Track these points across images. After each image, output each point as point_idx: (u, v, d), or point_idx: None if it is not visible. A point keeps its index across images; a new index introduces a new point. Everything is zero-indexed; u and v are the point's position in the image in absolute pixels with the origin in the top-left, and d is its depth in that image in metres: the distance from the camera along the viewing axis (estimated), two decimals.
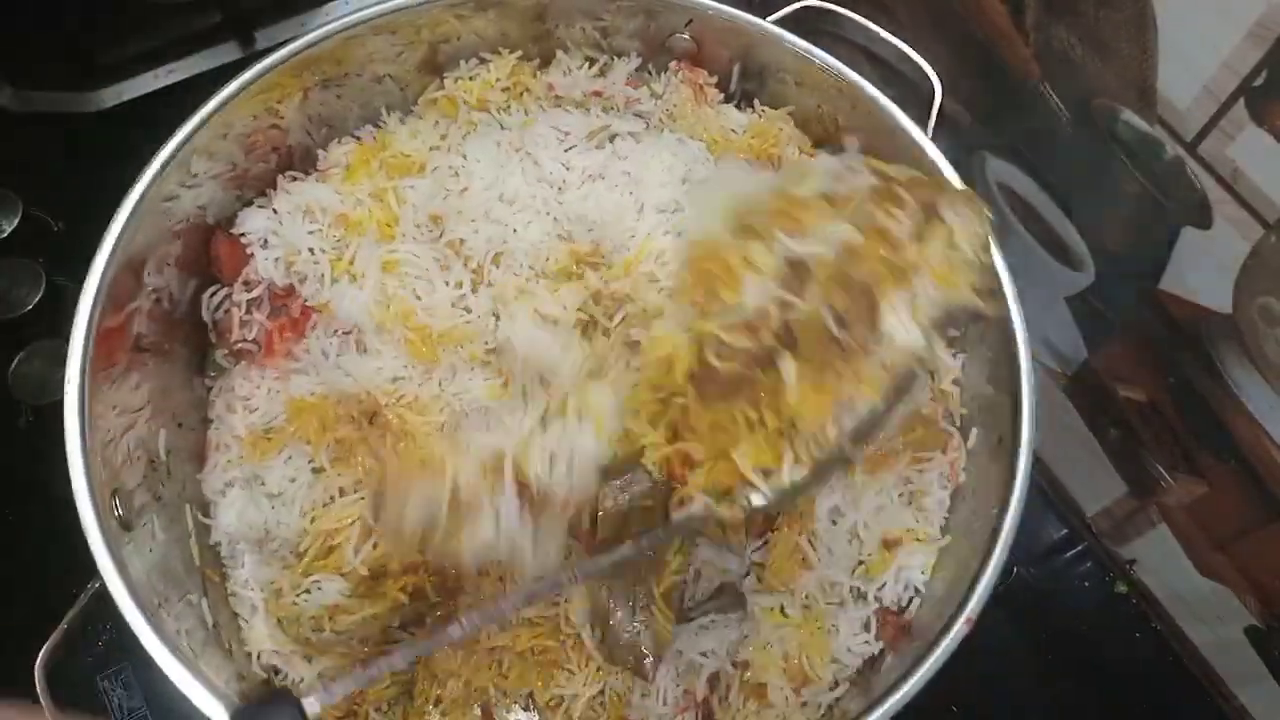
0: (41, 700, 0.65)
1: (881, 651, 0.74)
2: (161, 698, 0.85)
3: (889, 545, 0.75)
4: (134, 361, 0.74)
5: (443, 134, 0.84)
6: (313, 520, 0.73)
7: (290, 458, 0.75)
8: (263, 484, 0.75)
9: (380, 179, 0.81)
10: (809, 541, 0.73)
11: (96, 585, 0.65)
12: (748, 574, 0.74)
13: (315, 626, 0.72)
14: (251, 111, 0.79)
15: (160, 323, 0.77)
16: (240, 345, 0.79)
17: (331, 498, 0.74)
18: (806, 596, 0.74)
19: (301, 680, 0.73)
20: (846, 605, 0.74)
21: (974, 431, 0.77)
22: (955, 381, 0.79)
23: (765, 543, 0.74)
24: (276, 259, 0.79)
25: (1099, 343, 0.92)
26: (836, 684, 0.73)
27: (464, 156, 0.81)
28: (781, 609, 0.73)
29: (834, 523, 0.75)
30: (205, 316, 0.81)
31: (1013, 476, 0.69)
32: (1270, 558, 0.83)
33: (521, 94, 0.86)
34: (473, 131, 0.84)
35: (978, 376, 0.78)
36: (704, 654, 0.73)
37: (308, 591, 0.72)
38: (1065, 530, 1.02)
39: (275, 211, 0.81)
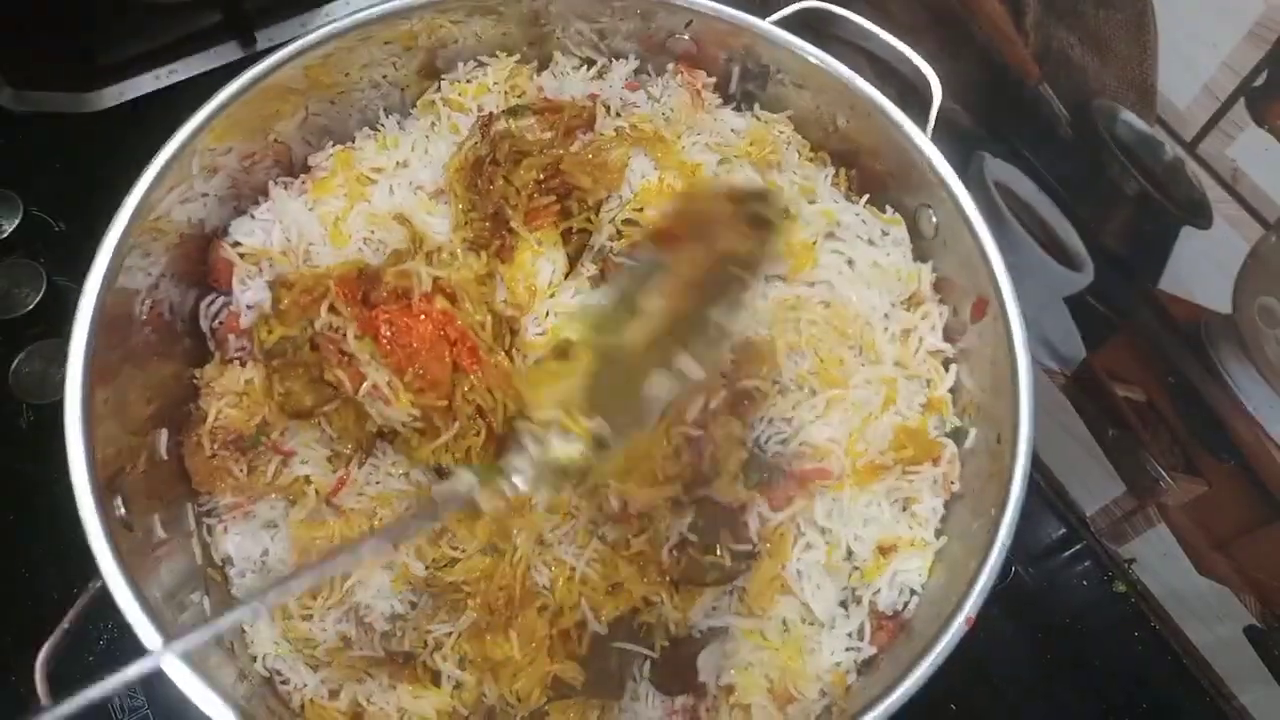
0: (42, 700, 0.66)
1: (875, 656, 0.74)
2: (162, 698, 0.86)
3: (884, 551, 0.75)
4: (134, 366, 0.74)
5: (413, 145, 0.83)
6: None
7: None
8: (254, 515, 0.76)
9: (341, 197, 0.81)
10: (796, 573, 0.73)
11: (96, 585, 0.65)
12: (731, 593, 0.74)
13: (327, 657, 0.73)
14: (254, 130, 0.79)
15: (161, 332, 0.77)
16: (238, 354, 0.79)
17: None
18: (785, 622, 0.74)
19: (305, 686, 0.73)
20: (834, 624, 0.74)
21: (973, 432, 0.77)
22: (951, 390, 0.79)
23: (746, 568, 0.74)
24: (255, 278, 0.79)
25: (1098, 343, 0.92)
26: (824, 695, 0.73)
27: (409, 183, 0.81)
28: (761, 633, 0.73)
29: (821, 549, 0.74)
30: (203, 325, 0.81)
31: (1011, 476, 0.69)
32: (1270, 558, 0.83)
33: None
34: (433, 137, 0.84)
35: (977, 377, 0.78)
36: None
37: (320, 620, 0.72)
38: (1064, 530, 1.02)
39: (264, 221, 0.81)
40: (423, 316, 0.69)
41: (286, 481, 0.75)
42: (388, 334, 0.68)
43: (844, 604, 0.75)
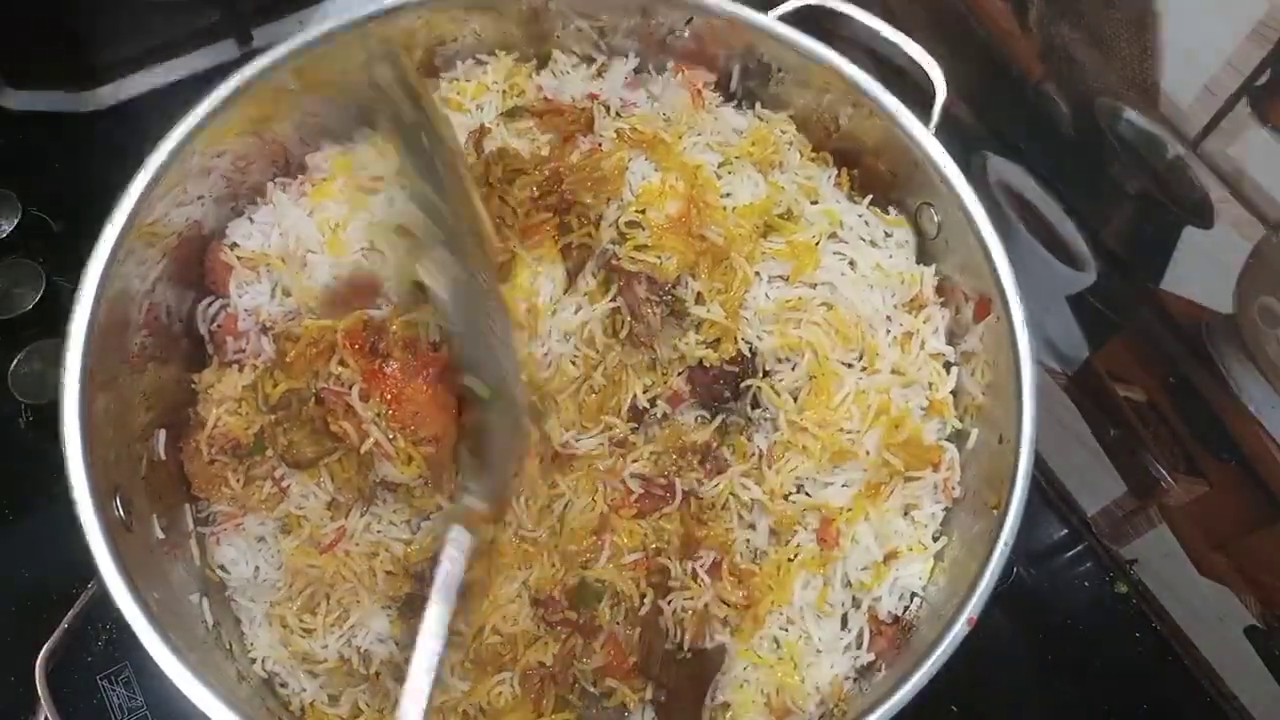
0: (42, 700, 0.66)
1: (874, 660, 0.74)
2: (161, 698, 0.86)
3: (885, 558, 0.75)
4: (133, 369, 0.74)
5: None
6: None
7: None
8: (244, 529, 0.76)
9: (342, 203, 0.80)
10: (800, 609, 0.74)
11: (96, 585, 0.65)
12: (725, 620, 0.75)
13: (326, 673, 0.73)
14: (247, 131, 0.78)
15: (158, 335, 0.77)
16: (236, 357, 0.79)
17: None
18: (776, 640, 0.74)
19: (304, 691, 0.73)
20: (833, 643, 0.74)
21: (974, 433, 0.77)
22: (952, 391, 0.79)
23: (748, 607, 0.74)
24: (253, 283, 0.79)
25: (1100, 342, 0.92)
26: (823, 704, 0.73)
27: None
28: (754, 651, 0.74)
29: (818, 588, 0.74)
30: (201, 329, 0.81)
31: (1014, 476, 0.69)
32: (1270, 558, 0.83)
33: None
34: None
35: (979, 378, 0.78)
36: None
37: (322, 640, 0.72)
38: (1065, 530, 1.01)
39: (262, 224, 0.81)
40: (428, 370, 0.70)
41: (281, 513, 0.75)
42: (392, 390, 0.69)
43: (844, 615, 0.75)
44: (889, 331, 0.79)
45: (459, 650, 0.73)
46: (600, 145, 0.80)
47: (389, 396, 0.69)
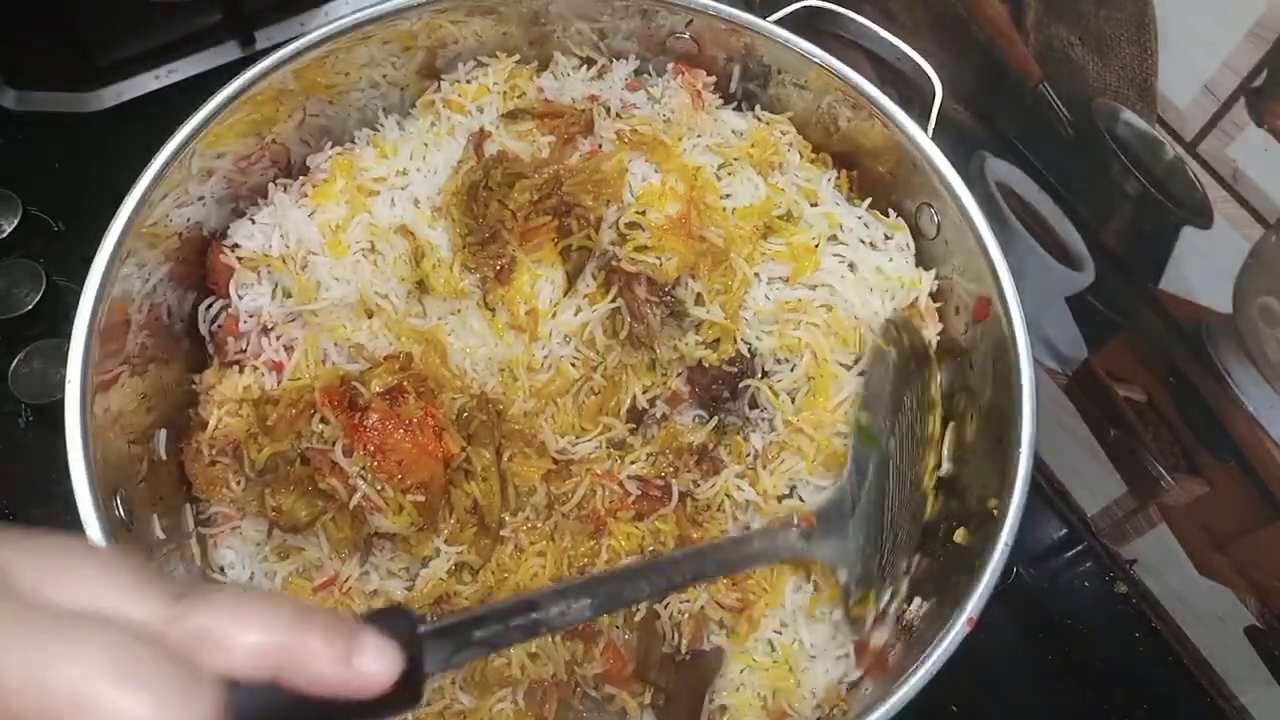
0: None
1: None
2: None
3: None
4: (134, 369, 0.74)
5: (411, 154, 0.82)
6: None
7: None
8: (242, 532, 0.76)
9: (343, 205, 0.80)
10: (792, 612, 0.74)
11: None
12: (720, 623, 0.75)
13: None
14: (249, 132, 0.78)
15: (160, 336, 0.77)
16: (237, 358, 0.79)
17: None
18: (770, 642, 0.74)
19: None
20: (826, 648, 0.74)
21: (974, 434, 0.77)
22: None
23: (742, 610, 0.74)
24: (253, 285, 0.79)
25: (1099, 343, 0.92)
26: (819, 707, 0.73)
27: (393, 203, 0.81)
28: (749, 654, 0.74)
29: (808, 592, 0.74)
30: (202, 329, 0.81)
31: (1013, 477, 0.69)
32: (1270, 558, 0.83)
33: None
34: (432, 144, 0.83)
35: (978, 378, 0.78)
36: None
37: None
38: (1065, 530, 1.02)
39: (263, 225, 0.81)
40: (409, 420, 0.70)
41: (278, 540, 0.75)
42: (375, 441, 0.69)
43: (836, 621, 0.75)
44: None
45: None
46: (600, 147, 0.81)
47: (373, 448, 0.69)
